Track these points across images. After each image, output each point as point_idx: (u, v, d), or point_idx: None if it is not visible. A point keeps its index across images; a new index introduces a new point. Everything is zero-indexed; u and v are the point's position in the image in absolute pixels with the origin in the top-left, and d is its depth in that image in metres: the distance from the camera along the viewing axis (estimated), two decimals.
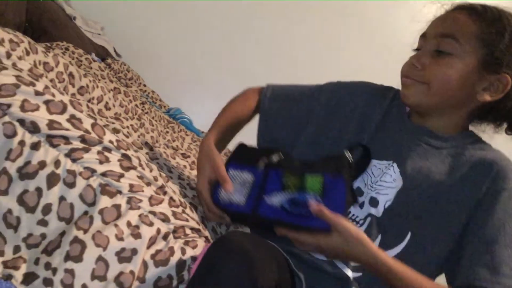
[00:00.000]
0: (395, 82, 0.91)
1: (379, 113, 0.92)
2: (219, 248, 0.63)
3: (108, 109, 1.34)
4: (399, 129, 0.89)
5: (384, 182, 0.84)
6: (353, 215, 0.85)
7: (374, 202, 0.84)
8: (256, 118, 1.05)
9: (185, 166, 1.32)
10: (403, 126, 0.89)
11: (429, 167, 0.83)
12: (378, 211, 0.83)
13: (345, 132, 0.92)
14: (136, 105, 1.59)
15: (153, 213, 0.72)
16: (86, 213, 0.66)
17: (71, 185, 0.67)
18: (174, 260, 0.70)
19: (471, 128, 0.89)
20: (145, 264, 0.67)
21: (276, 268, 0.65)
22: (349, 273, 0.82)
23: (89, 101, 1.24)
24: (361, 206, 0.85)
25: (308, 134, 0.95)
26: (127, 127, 1.29)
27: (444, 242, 0.79)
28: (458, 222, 0.78)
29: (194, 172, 1.32)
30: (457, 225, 0.78)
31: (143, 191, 0.72)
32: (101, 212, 0.66)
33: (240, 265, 0.59)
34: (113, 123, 1.13)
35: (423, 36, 0.85)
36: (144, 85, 2.34)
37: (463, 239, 0.77)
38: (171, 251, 0.70)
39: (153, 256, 0.68)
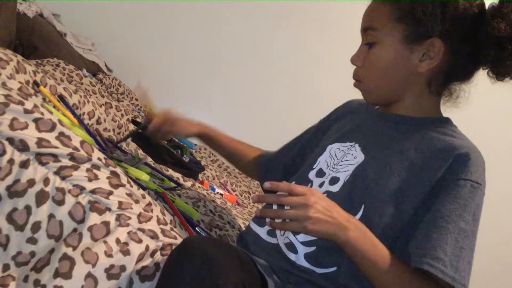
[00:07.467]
0: None
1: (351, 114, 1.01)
2: (180, 252, 0.63)
3: (99, 123, 1.35)
4: (366, 117, 0.94)
5: (345, 161, 0.85)
6: None
7: (334, 181, 0.84)
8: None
9: (178, 178, 1.33)
10: (369, 115, 0.94)
11: (391, 144, 0.83)
12: (336, 188, 0.83)
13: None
14: (128, 119, 1.60)
15: (142, 230, 0.72)
16: (75, 230, 0.67)
17: (60, 202, 0.67)
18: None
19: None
20: (130, 280, 0.68)
21: (239, 270, 0.65)
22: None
23: (80, 116, 1.24)
24: (321, 185, 0.86)
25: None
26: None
27: (393, 218, 0.76)
28: (409, 202, 0.76)
29: (187, 184, 1.32)
30: (408, 205, 0.76)
31: (132, 208, 0.72)
32: (90, 229, 0.67)
33: (201, 266, 0.59)
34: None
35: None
36: (136, 99, 2.35)
37: (415, 223, 0.74)
38: (157, 266, 0.70)
39: (138, 272, 0.68)
